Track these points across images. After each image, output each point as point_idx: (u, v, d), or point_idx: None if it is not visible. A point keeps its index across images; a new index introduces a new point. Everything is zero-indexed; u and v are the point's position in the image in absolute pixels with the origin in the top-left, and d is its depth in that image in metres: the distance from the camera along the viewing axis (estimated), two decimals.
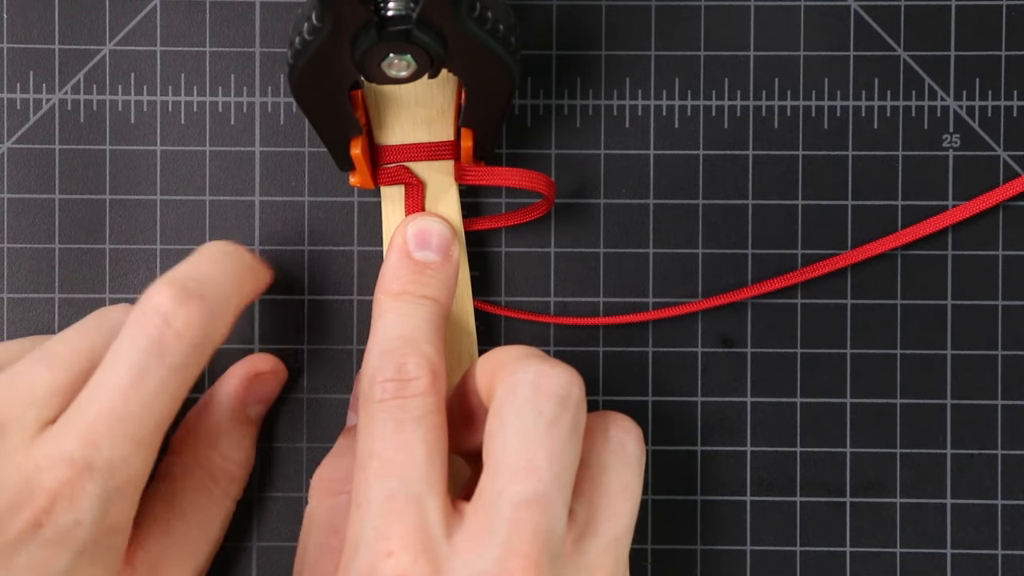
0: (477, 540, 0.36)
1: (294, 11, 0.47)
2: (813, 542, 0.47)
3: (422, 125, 0.44)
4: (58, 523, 0.38)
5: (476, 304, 0.46)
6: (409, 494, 0.37)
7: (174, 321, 0.39)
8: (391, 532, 0.37)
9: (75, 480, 0.38)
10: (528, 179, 0.43)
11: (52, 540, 0.38)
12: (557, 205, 0.47)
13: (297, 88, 0.41)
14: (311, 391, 0.47)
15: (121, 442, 0.38)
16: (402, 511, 0.37)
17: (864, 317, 0.47)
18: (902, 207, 0.47)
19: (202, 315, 0.39)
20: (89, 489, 0.38)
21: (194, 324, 0.39)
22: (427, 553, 0.37)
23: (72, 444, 0.38)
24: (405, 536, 0.37)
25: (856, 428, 0.47)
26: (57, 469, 0.38)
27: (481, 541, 0.36)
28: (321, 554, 0.43)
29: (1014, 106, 0.46)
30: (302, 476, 0.47)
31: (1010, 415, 0.47)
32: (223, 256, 0.41)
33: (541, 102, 0.47)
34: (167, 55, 0.47)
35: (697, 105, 0.47)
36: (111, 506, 0.39)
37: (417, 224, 0.43)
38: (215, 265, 0.41)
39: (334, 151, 0.44)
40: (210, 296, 0.40)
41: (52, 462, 0.38)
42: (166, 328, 0.39)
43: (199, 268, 0.41)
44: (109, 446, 0.38)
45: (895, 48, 0.47)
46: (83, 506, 0.38)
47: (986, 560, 0.47)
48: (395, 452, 0.38)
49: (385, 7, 0.39)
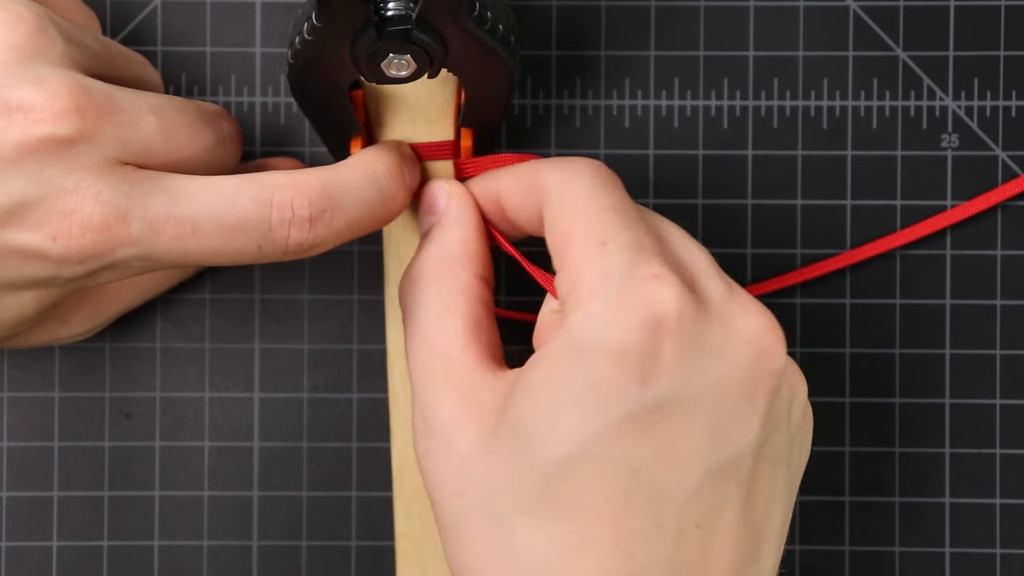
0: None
1: (294, 11, 0.47)
2: (812, 541, 0.47)
3: (422, 125, 0.44)
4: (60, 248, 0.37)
5: None
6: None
7: (293, 233, 0.38)
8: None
9: (116, 234, 0.37)
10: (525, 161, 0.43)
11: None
12: None
13: (297, 88, 0.41)
14: (311, 391, 0.47)
15: (174, 249, 0.37)
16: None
17: (863, 317, 0.47)
18: (901, 207, 0.47)
19: (315, 243, 0.39)
20: (116, 252, 0.37)
21: (304, 245, 0.38)
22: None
23: (138, 213, 0.37)
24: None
25: (855, 427, 0.47)
26: (112, 220, 0.37)
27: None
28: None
29: (1013, 106, 0.47)
30: (302, 476, 0.47)
31: (1008, 415, 0.47)
32: (379, 196, 0.40)
33: (541, 102, 0.47)
34: (167, 55, 0.47)
35: (696, 105, 0.47)
36: (100, 275, 0.38)
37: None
38: (367, 206, 0.40)
39: (334, 151, 0.44)
40: (335, 233, 0.39)
41: (111, 205, 0.37)
42: (283, 228, 0.38)
43: (354, 196, 0.39)
44: (164, 246, 0.37)
45: (894, 48, 0.47)
46: (83, 250, 0.37)
47: (985, 559, 0.47)
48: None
49: (385, 7, 0.39)
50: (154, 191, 0.37)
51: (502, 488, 0.36)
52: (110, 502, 0.47)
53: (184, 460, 0.47)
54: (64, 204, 0.36)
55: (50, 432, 0.47)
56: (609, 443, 0.35)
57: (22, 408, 0.47)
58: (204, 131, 0.40)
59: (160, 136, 0.38)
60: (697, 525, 0.36)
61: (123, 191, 0.37)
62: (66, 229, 0.36)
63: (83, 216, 0.36)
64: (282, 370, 0.47)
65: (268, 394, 0.47)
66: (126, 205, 0.37)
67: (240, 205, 0.38)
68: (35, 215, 0.36)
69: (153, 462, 0.47)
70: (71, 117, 0.36)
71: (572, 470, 0.35)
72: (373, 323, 0.47)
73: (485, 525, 0.36)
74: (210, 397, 0.47)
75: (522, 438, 0.36)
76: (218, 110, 0.41)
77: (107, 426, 0.47)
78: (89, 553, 0.47)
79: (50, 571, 0.47)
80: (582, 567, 0.35)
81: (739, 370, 0.36)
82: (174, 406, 0.47)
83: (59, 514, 0.47)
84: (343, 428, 0.47)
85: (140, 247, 0.37)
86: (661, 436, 0.35)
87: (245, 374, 0.47)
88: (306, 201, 0.38)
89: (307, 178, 0.39)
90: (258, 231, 0.38)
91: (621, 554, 0.35)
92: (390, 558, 0.46)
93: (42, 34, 0.38)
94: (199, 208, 0.37)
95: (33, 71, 0.37)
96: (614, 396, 0.35)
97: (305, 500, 0.47)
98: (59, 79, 0.37)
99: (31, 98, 0.36)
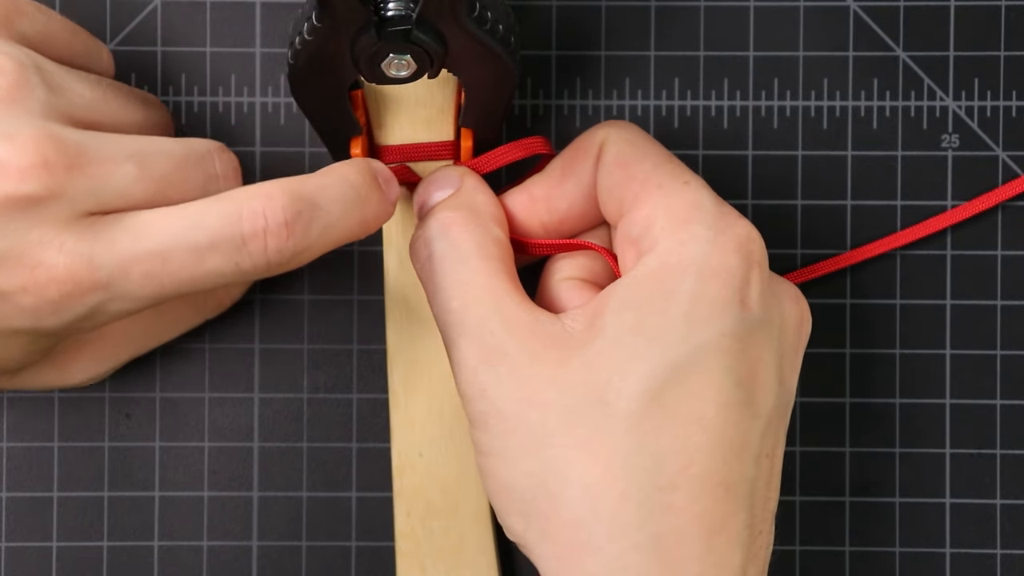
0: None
1: (294, 11, 0.47)
2: (813, 542, 0.47)
3: (422, 125, 0.44)
4: (38, 299, 0.37)
5: None
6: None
7: (271, 242, 0.37)
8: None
9: (82, 282, 0.37)
10: (526, 147, 0.43)
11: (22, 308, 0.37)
12: None
13: (297, 88, 0.41)
14: (311, 391, 0.47)
15: (147, 284, 0.37)
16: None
17: (863, 317, 0.47)
18: (901, 207, 0.47)
19: (296, 250, 0.38)
20: (86, 299, 0.37)
21: (286, 253, 0.38)
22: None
23: (105, 259, 0.37)
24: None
25: (855, 428, 0.47)
26: (78, 269, 0.36)
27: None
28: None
29: (1013, 106, 0.47)
30: (302, 476, 0.47)
31: (1009, 415, 0.47)
32: (354, 195, 0.39)
33: (541, 102, 0.47)
34: (167, 55, 0.47)
35: (696, 105, 0.47)
36: (83, 323, 0.38)
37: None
38: (342, 205, 0.39)
39: (334, 151, 0.44)
40: (315, 237, 0.38)
41: (75, 255, 0.36)
42: (258, 239, 0.37)
43: (327, 195, 0.38)
44: (137, 284, 0.37)
45: (894, 48, 0.47)
46: (67, 305, 0.37)
47: (985, 560, 0.47)
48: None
49: (385, 7, 0.39)
50: (118, 232, 0.37)
51: (602, 396, 0.37)
52: (110, 502, 0.47)
53: (184, 460, 0.47)
54: (30, 257, 0.36)
55: (50, 432, 0.47)
56: (718, 354, 0.37)
57: (22, 408, 0.47)
58: (192, 173, 0.39)
59: (139, 184, 0.38)
60: (767, 455, 0.38)
61: (87, 239, 0.37)
62: (34, 281, 0.36)
63: (47, 268, 0.36)
64: (282, 370, 0.47)
65: (268, 394, 0.47)
66: (90, 252, 0.36)
67: (207, 224, 0.37)
68: (6, 267, 0.36)
69: (153, 462, 0.47)
70: (37, 173, 0.36)
71: (684, 376, 0.37)
72: (373, 323, 0.47)
73: (585, 427, 0.37)
74: (210, 397, 0.47)
75: (625, 350, 0.37)
76: (210, 149, 0.40)
77: (107, 426, 0.47)
78: (89, 553, 0.47)
79: (50, 571, 0.47)
80: (689, 471, 0.37)
81: (791, 323, 0.39)
82: (174, 406, 0.47)
83: (59, 514, 0.47)
84: (343, 428, 0.47)
85: (112, 290, 0.37)
86: (752, 359, 0.37)
87: (245, 374, 0.47)
88: (278, 207, 0.37)
89: (276, 187, 0.38)
90: (231, 246, 0.37)
91: (719, 462, 0.37)
92: (390, 558, 0.46)
93: (23, 85, 0.37)
94: (165, 237, 0.37)
95: (7, 123, 0.36)
96: (722, 311, 0.37)
97: (305, 500, 0.47)
98: (30, 133, 0.36)
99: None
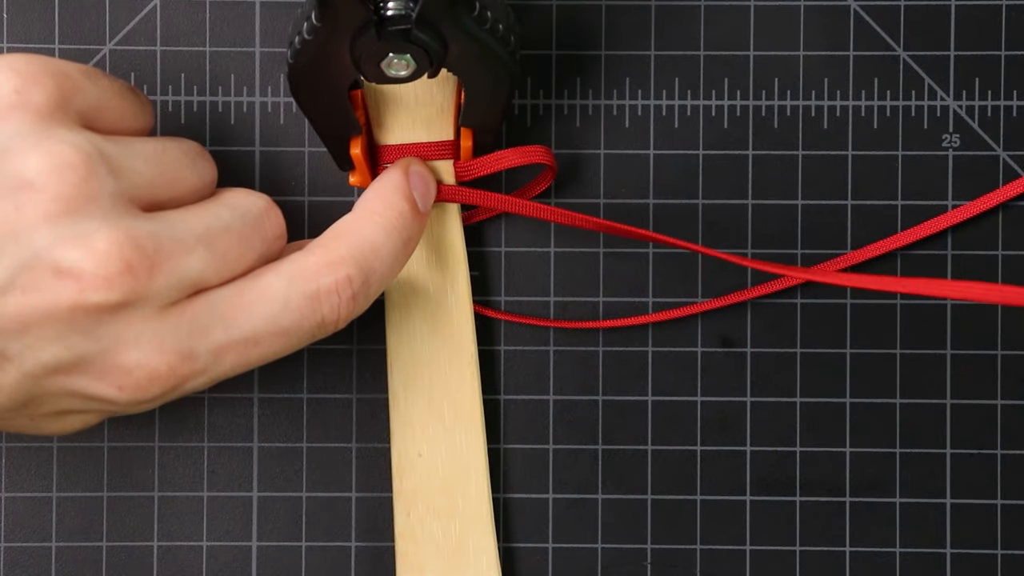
0: None
1: (294, 11, 0.47)
2: (813, 542, 0.47)
3: (422, 125, 0.44)
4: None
5: (476, 308, 0.46)
6: None
7: (342, 312, 0.39)
8: None
9: (183, 376, 0.37)
10: (526, 154, 0.43)
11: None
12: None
13: (297, 88, 0.41)
14: (311, 391, 0.47)
15: (238, 366, 0.38)
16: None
17: (864, 317, 0.47)
18: (902, 207, 0.47)
19: (358, 313, 0.40)
20: (182, 387, 0.37)
21: (350, 318, 0.39)
22: None
23: (201, 350, 0.37)
24: None
25: (856, 428, 0.47)
26: (178, 365, 0.37)
27: None
28: None
29: (1014, 106, 0.46)
30: (302, 476, 0.47)
31: (1009, 415, 0.47)
32: (403, 244, 0.41)
33: (541, 102, 0.47)
34: (167, 55, 0.47)
35: (697, 105, 0.47)
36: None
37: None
38: (395, 259, 0.41)
39: (334, 151, 0.44)
40: (373, 296, 0.40)
41: (174, 352, 0.37)
42: (334, 314, 0.39)
43: (384, 254, 0.40)
44: (228, 367, 0.38)
45: (895, 48, 0.47)
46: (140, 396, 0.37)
47: (986, 560, 0.47)
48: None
49: (384, 7, 0.39)
50: (211, 321, 0.37)
51: None
52: (109, 503, 0.47)
53: (184, 460, 0.47)
54: (127, 359, 0.36)
55: None
56: None
57: None
58: (254, 244, 0.39)
59: (212, 267, 0.37)
60: None
61: (183, 333, 0.37)
62: (133, 382, 0.36)
63: (149, 369, 0.36)
64: (282, 370, 0.47)
65: (268, 394, 0.47)
66: (188, 345, 0.37)
67: (293, 306, 0.38)
68: (97, 367, 0.36)
69: (152, 462, 0.47)
70: (123, 280, 0.35)
71: None
72: (373, 324, 0.47)
73: None
74: (210, 397, 0.47)
75: None
76: (261, 211, 0.40)
77: (106, 426, 0.47)
78: (88, 554, 0.47)
79: (49, 572, 0.47)
80: None
81: None
82: (173, 406, 0.47)
83: (58, 515, 0.47)
84: (343, 428, 0.47)
85: (207, 376, 0.38)
86: None
87: (244, 375, 0.47)
88: (347, 280, 0.39)
89: (344, 256, 0.39)
90: (312, 324, 0.39)
91: None
92: (390, 558, 0.46)
93: (92, 179, 0.36)
94: (256, 322, 0.38)
95: (82, 226, 0.35)
96: None
97: (305, 500, 0.47)
98: (108, 235, 0.35)
99: (81, 263, 0.35)
